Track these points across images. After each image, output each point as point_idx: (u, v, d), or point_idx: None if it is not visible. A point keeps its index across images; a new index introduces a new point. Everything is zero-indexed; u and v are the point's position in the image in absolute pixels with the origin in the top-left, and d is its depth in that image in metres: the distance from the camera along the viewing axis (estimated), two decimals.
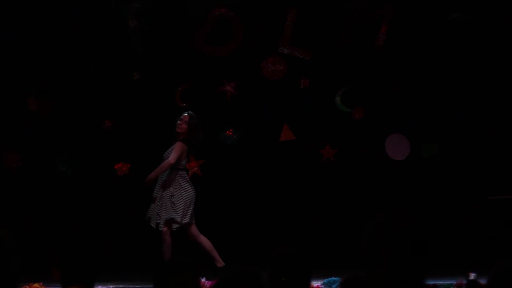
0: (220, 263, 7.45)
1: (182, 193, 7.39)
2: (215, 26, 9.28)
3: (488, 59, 9.35)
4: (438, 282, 6.66)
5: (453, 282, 6.76)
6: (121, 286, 7.28)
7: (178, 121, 7.50)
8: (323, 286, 6.57)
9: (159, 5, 9.19)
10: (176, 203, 7.34)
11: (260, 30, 9.32)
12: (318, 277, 6.64)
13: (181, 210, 7.33)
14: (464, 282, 6.28)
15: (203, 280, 6.87)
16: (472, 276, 6.02)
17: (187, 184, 7.47)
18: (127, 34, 9.18)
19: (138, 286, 7.30)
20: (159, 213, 7.38)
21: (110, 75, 9.29)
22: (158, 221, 7.39)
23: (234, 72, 9.43)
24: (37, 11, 8.99)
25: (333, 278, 6.53)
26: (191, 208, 7.42)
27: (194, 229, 7.50)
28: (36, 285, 6.70)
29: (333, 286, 6.40)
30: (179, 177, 7.46)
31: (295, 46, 9.42)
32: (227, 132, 9.47)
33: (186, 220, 7.34)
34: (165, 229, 7.36)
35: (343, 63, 9.43)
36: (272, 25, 9.34)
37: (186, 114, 7.56)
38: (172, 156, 7.38)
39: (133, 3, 9.13)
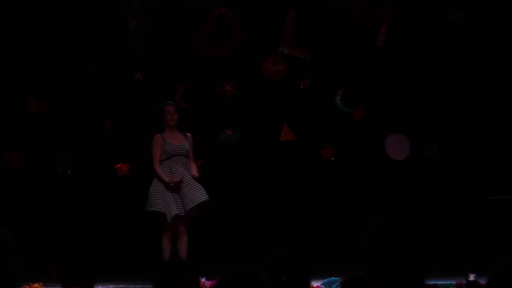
0: None
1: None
2: (215, 26, 9.29)
3: (488, 59, 9.35)
4: (438, 282, 6.66)
5: (453, 282, 6.76)
6: (121, 286, 7.27)
7: (169, 116, 7.40)
8: (323, 286, 6.57)
9: (159, 5, 9.19)
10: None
11: (260, 30, 9.32)
12: (318, 277, 6.63)
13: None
14: (464, 282, 6.27)
15: (203, 280, 6.87)
16: (472, 277, 6.02)
17: None
18: (127, 34, 9.18)
19: (138, 286, 7.30)
20: (193, 198, 7.25)
21: (110, 75, 9.29)
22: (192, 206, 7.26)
23: (234, 72, 9.44)
24: (37, 11, 8.99)
25: (333, 278, 6.53)
26: None
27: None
28: (36, 285, 6.70)
29: (333, 286, 6.40)
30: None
31: (295, 46, 9.42)
32: (227, 132, 9.47)
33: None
34: (186, 220, 7.28)
35: (343, 63, 9.43)
36: (272, 25, 9.34)
37: (172, 104, 7.53)
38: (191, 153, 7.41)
39: (133, 3, 9.13)
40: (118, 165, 9.36)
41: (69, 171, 9.32)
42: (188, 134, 7.52)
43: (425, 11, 9.31)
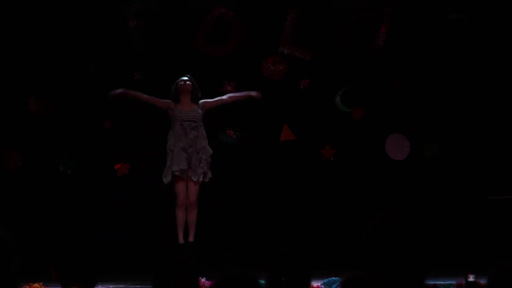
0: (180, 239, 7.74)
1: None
2: (215, 26, 9.28)
3: (488, 59, 9.36)
4: (438, 282, 6.66)
5: (453, 282, 6.75)
6: (121, 286, 7.27)
7: (182, 82, 7.84)
8: (323, 286, 6.56)
9: (159, 5, 9.19)
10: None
11: (260, 30, 9.32)
12: (318, 277, 6.63)
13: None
14: (464, 282, 6.28)
15: (203, 280, 6.87)
16: (471, 277, 6.03)
17: None
18: (127, 34, 9.18)
19: (138, 286, 7.29)
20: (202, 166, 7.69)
21: (110, 75, 9.28)
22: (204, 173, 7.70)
23: (234, 72, 9.43)
24: (37, 11, 8.99)
25: (333, 278, 6.52)
26: None
27: None
28: (36, 285, 6.70)
29: (333, 286, 6.39)
30: None
31: (295, 46, 9.42)
32: (227, 132, 9.46)
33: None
34: (196, 193, 7.68)
35: (343, 63, 9.43)
36: (272, 25, 9.34)
37: (186, 76, 7.94)
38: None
39: (133, 3, 9.13)
40: (118, 165, 9.36)
41: (69, 171, 9.32)
42: (201, 101, 7.85)
43: (425, 11, 9.31)
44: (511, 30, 9.30)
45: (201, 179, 7.69)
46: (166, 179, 7.67)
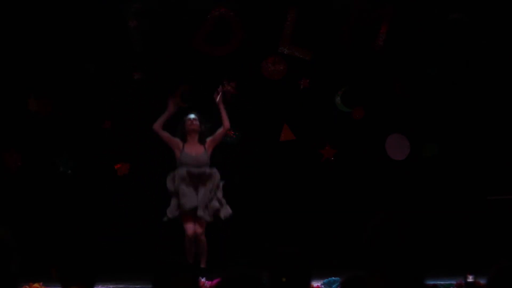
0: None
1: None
2: (215, 26, 9.28)
3: (488, 59, 9.36)
4: (438, 282, 6.66)
5: (453, 282, 6.76)
6: (121, 286, 7.27)
7: (189, 121, 7.55)
8: (323, 286, 6.57)
9: (159, 5, 9.19)
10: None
11: (260, 30, 9.32)
12: (318, 277, 6.64)
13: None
14: (464, 282, 6.29)
15: (203, 280, 6.87)
16: (471, 278, 6.04)
17: None
18: (127, 34, 9.18)
19: (138, 286, 7.30)
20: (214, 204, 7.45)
21: (110, 75, 9.29)
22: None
23: (234, 72, 9.43)
24: (37, 11, 8.99)
25: (333, 278, 6.53)
26: None
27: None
28: (36, 285, 6.70)
29: (333, 286, 6.40)
30: None
31: (295, 46, 9.42)
32: (227, 132, 9.46)
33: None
34: (203, 224, 7.41)
35: (343, 63, 9.43)
36: (272, 25, 9.34)
37: (194, 113, 7.65)
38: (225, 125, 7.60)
39: (133, 3, 9.12)
40: (118, 165, 9.36)
41: (69, 171, 9.32)
42: (208, 139, 7.56)
43: (425, 11, 9.31)
44: (511, 30, 9.29)
45: (211, 219, 7.45)
46: (172, 215, 7.38)
